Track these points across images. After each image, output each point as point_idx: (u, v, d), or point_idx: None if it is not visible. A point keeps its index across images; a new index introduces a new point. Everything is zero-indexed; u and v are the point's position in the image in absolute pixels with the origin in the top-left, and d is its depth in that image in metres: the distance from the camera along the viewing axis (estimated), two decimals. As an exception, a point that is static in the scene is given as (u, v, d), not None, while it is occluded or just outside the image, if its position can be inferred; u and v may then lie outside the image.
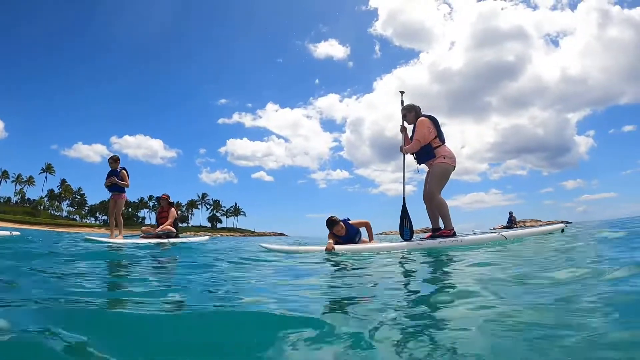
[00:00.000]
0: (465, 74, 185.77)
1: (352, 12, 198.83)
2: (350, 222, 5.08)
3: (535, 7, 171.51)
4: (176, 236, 8.54)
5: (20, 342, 1.09)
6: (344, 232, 4.99)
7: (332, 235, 4.97)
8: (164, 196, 9.06)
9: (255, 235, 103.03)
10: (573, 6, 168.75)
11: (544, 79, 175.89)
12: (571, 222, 4.58)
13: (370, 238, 5.24)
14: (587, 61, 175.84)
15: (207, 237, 9.47)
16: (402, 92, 5.46)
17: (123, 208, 8.69)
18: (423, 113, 5.11)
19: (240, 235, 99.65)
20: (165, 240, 7.88)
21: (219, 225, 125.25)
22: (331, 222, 4.98)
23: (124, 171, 8.43)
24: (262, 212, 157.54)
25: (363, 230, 5.18)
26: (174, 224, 8.67)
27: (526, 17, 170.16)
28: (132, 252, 4.65)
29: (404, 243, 4.55)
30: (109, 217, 8.57)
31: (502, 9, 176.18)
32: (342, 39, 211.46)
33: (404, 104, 5.32)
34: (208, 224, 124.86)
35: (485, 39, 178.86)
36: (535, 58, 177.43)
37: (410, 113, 5.16)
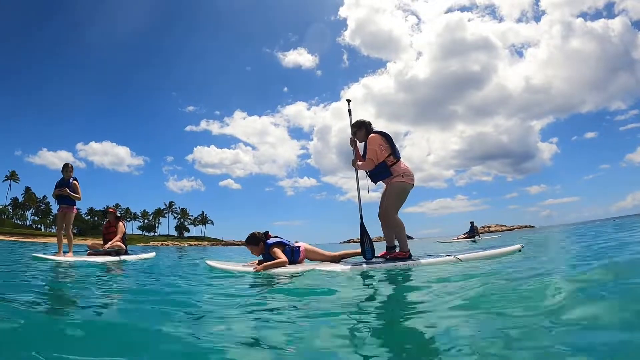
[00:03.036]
0: (432, 83, 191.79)
1: (322, 22, 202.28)
2: (290, 244, 4.74)
3: (501, 19, 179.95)
4: (125, 252, 7.98)
5: None
6: (257, 252, 4.74)
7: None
8: (110, 209, 8.53)
9: (223, 245, 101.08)
10: (537, 18, 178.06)
11: (509, 88, 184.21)
12: (524, 246, 4.55)
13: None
14: (551, 71, 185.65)
15: (153, 254, 8.84)
16: (348, 101, 5.17)
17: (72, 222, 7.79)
18: (375, 129, 4.79)
19: (208, 244, 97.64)
20: (115, 258, 7.33)
21: (186, 234, 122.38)
22: (248, 239, 4.76)
23: (75, 182, 7.63)
24: (230, 220, 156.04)
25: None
26: (123, 239, 8.11)
27: (492, 28, 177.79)
28: (79, 276, 4.15)
29: (347, 266, 4.08)
30: (57, 232, 7.65)
31: (468, 20, 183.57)
32: (311, 48, 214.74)
33: (354, 121, 4.94)
34: (175, 233, 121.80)
35: (451, 50, 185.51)
36: (501, 68, 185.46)
37: (361, 130, 4.81)
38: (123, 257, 7.51)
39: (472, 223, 21.02)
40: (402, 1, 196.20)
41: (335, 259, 4.84)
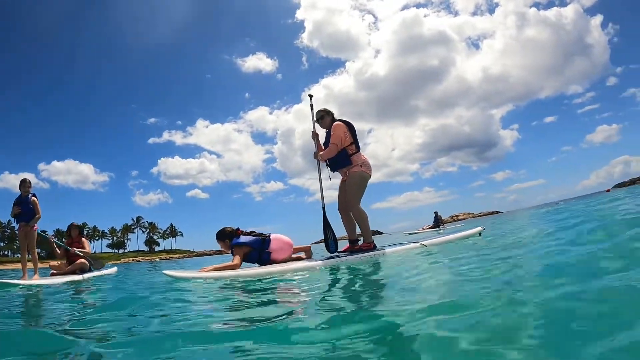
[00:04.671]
0: (392, 79, 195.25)
1: (279, 26, 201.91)
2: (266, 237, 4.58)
3: (456, 13, 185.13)
4: (89, 270, 7.66)
5: None
6: (225, 248, 4.66)
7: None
8: (74, 224, 8.10)
9: (195, 256, 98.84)
10: (491, 11, 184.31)
11: (468, 80, 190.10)
12: (484, 229, 4.91)
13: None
14: (508, 60, 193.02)
15: (115, 269, 8.50)
16: (310, 96, 5.20)
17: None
18: (339, 118, 4.88)
19: (179, 257, 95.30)
20: (80, 277, 7.02)
21: (157, 248, 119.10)
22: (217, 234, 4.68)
23: (34, 198, 7.13)
24: (200, 230, 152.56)
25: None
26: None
27: (448, 23, 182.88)
28: (51, 299, 3.91)
29: (319, 262, 4.09)
30: (21, 254, 7.16)
31: (424, 16, 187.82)
32: (270, 52, 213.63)
33: (317, 109, 5.02)
34: (146, 248, 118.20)
35: (409, 46, 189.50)
36: (459, 61, 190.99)
37: (328, 116, 4.89)
38: (87, 275, 7.20)
39: (436, 213, 21.55)
40: (359, 1, 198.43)
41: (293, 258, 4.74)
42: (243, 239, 4.54)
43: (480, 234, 5.03)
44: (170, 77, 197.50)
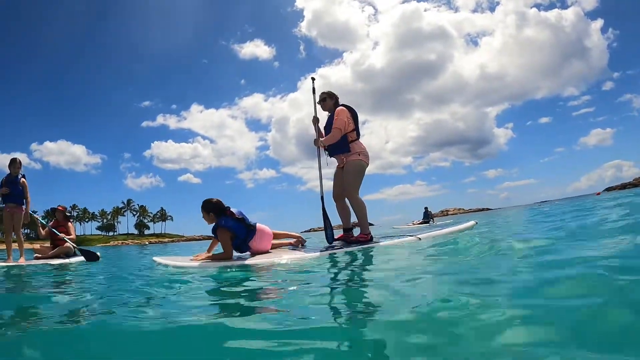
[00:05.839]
0: (389, 72, 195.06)
1: (278, 14, 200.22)
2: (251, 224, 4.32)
3: (456, 9, 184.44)
4: (74, 254, 7.49)
5: None
6: (208, 221, 4.31)
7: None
8: (60, 208, 7.82)
9: (184, 240, 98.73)
10: (492, 8, 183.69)
11: (464, 76, 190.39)
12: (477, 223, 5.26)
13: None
14: (505, 59, 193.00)
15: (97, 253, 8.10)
16: (313, 79, 5.04)
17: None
18: (342, 103, 4.72)
19: (169, 241, 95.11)
20: (66, 261, 6.86)
21: (146, 232, 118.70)
22: (203, 204, 4.33)
23: (24, 180, 6.87)
24: (191, 215, 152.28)
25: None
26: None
27: (448, 18, 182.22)
28: (38, 283, 3.76)
29: (316, 253, 3.94)
30: (5, 236, 6.89)
31: (425, 10, 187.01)
32: (268, 40, 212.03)
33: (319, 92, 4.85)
34: (135, 231, 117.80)
35: (408, 39, 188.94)
36: (456, 57, 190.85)
37: (331, 99, 4.72)
38: (72, 260, 7.03)
39: (426, 208, 21.51)
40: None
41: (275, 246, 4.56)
42: (230, 223, 4.21)
43: (471, 228, 5.13)
44: (166, 61, 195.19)
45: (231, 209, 4.33)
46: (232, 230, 4.19)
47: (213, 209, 4.27)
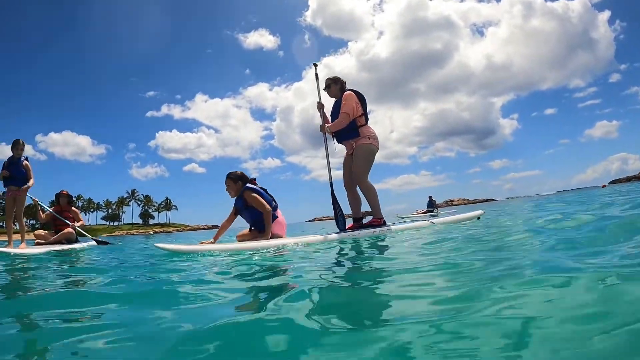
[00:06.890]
0: (394, 62, 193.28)
1: (282, 3, 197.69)
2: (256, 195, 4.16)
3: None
4: (76, 240, 7.43)
5: None
6: (232, 191, 4.35)
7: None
8: (63, 192, 7.75)
9: (189, 230, 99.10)
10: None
11: (470, 66, 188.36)
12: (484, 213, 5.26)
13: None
14: (511, 50, 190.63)
15: (93, 242, 7.88)
16: (315, 65, 4.91)
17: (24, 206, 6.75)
18: (349, 88, 4.55)
19: (174, 230, 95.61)
20: (67, 247, 6.78)
21: (151, 222, 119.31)
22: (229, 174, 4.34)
23: (27, 162, 6.57)
24: (195, 204, 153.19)
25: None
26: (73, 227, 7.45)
27: (454, 8, 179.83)
28: (43, 270, 3.59)
29: (334, 235, 4.03)
30: (6, 221, 6.62)
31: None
32: (272, 29, 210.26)
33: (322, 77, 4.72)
34: (140, 221, 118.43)
35: (413, 29, 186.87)
36: (462, 47, 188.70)
37: (336, 85, 4.53)
38: (74, 246, 6.93)
39: (430, 198, 21.43)
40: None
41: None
42: (260, 190, 4.21)
43: (479, 218, 5.27)
44: (171, 51, 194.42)
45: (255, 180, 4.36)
46: (263, 197, 4.14)
47: (240, 178, 4.27)
